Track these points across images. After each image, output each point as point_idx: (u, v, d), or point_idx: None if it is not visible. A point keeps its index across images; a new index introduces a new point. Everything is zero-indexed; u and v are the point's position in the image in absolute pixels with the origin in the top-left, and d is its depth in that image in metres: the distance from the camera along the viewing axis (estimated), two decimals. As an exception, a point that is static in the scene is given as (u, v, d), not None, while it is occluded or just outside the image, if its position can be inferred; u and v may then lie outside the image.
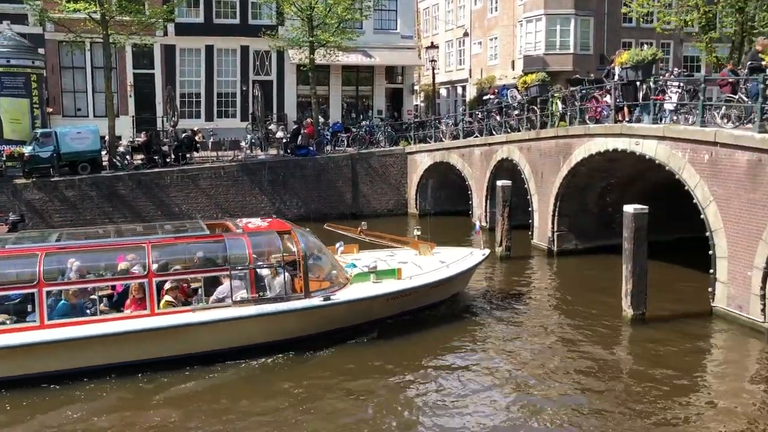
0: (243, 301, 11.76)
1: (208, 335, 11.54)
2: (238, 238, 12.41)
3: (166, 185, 23.95)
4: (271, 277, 12.19)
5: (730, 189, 13.52)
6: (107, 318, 11.28)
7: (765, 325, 12.82)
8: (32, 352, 10.75)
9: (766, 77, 13.48)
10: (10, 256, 11.56)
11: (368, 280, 13.18)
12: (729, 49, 23.89)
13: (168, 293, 11.55)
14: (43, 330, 10.87)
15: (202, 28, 30.03)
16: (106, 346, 11.07)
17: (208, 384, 10.98)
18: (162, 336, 11.28)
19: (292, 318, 12.00)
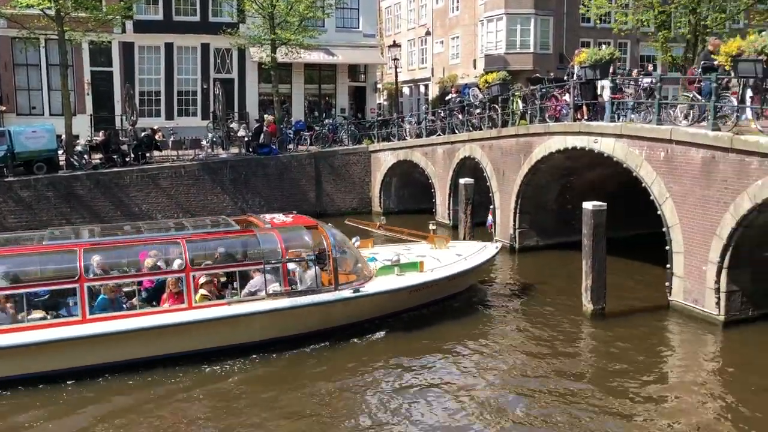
0: (276, 294, 12.12)
1: (243, 328, 11.88)
2: (269, 233, 12.78)
3: (126, 185, 23.54)
4: (302, 271, 12.61)
5: (685, 185, 13.85)
6: (147, 312, 11.52)
7: (720, 318, 13.19)
8: (76, 346, 10.94)
9: (719, 76, 13.85)
10: (48, 252, 11.80)
11: (392, 273, 13.61)
12: (683, 48, 24.40)
13: (203, 287, 11.85)
14: (86, 324, 11.06)
15: (162, 26, 29.59)
16: (147, 340, 11.31)
17: (243, 376, 11.24)
18: (200, 329, 11.56)
19: (324, 310, 12.41)
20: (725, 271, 13.02)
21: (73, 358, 10.93)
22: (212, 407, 10.22)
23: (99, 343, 11.05)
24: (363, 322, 12.99)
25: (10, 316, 11.00)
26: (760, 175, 12.09)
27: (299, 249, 12.82)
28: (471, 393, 10.67)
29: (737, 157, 12.58)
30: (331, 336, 12.48)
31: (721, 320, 13.16)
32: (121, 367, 11.12)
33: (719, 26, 23.45)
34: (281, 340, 12.10)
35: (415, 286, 13.54)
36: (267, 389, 10.79)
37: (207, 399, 10.48)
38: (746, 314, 13.32)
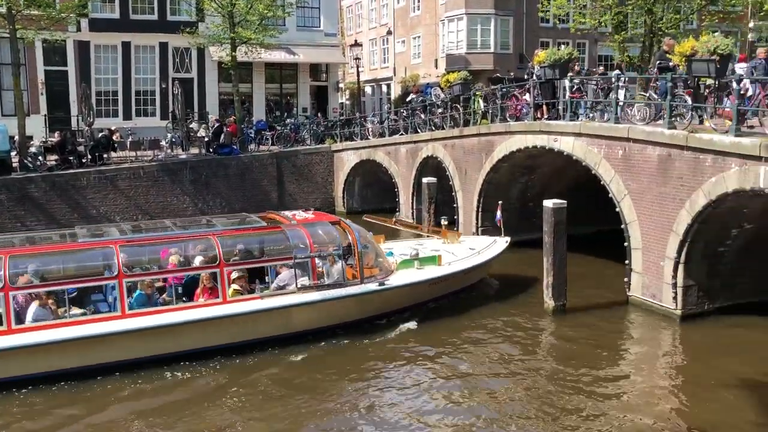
0: (305, 288, 12.51)
1: (276, 320, 12.31)
2: (297, 229, 13.15)
3: (83, 187, 23.02)
4: (329, 265, 12.97)
5: (642, 183, 14.12)
6: (183, 307, 11.81)
7: (677, 313, 13.48)
8: (117, 341, 11.19)
9: (674, 76, 14.15)
10: (85, 249, 12.16)
11: (413, 267, 14.15)
12: (640, 48, 24.89)
13: (235, 282, 12.16)
14: (126, 319, 11.31)
15: (118, 24, 29.01)
16: (184, 334, 11.61)
17: (275, 368, 11.59)
18: (235, 322, 11.95)
19: (351, 302, 12.88)
20: (682, 267, 13.32)
21: (114, 352, 11.20)
22: (250, 399, 10.51)
23: (139, 337, 11.32)
24: (386, 314, 13.54)
25: (51, 312, 11.19)
26: (714, 172, 12.38)
27: (326, 244, 13.17)
28: (423, 391, 10.74)
29: (692, 154, 12.87)
30: (356, 327, 13.01)
31: (678, 314, 13.45)
32: (158, 361, 11.37)
33: (673, 27, 23.97)
34: (310, 332, 12.54)
35: (435, 279, 14.11)
36: (300, 381, 11.11)
37: (244, 390, 10.77)
38: (702, 308, 13.64)
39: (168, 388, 10.94)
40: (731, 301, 13.74)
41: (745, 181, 11.76)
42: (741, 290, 13.86)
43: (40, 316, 11.06)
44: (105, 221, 22.43)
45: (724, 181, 12.16)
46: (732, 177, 12.02)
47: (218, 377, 11.25)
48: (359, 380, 11.21)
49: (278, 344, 12.22)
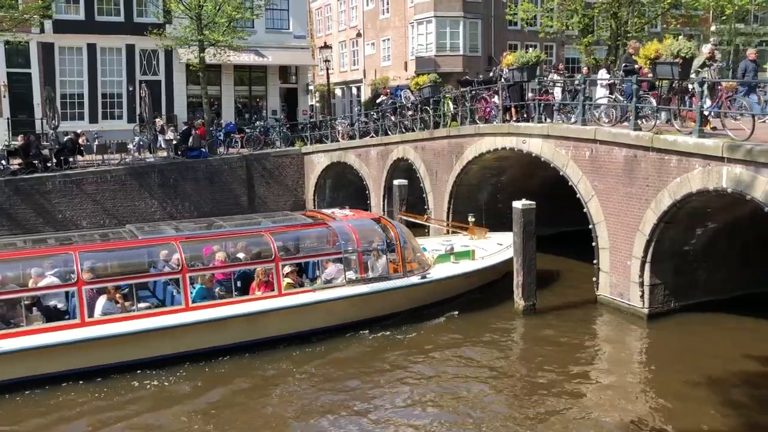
0: (353, 281, 13.19)
1: (326, 312, 12.90)
2: (343, 225, 13.92)
3: (48, 191, 22.60)
4: (374, 260, 13.69)
5: (609, 184, 14.33)
6: (242, 299, 12.38)
7: (644, 311, 13.70)
8: (182, 333, 11.70)
9: (639, 79, 14.40)
10: (146, 245, 12.76)
11: (449, 261, 15.09)
12: (606, 51, 25.29)
13: (287, 276, 12.81)
14: (190, 312, 11.85)
15: (84, 26, 28.52)
16: (244, 325, 12.16)
17: (329, 357, 12.21)
18: (291, 314, 12.52)
19: (396, 295, 13.59)
20: (648, 266, 13.55)
21: (179, 344, 11.67)
22: (311, 386, 11.10)
23: (203, 329, 11.81)
24: (426, 306, 14.14)
25: (120, 306, 11.70)
26: (679, 173, 12.63)
27: (370, 239, 13.92)
28: (389, 393, 10.77)
29: (657, 155, 13.11)
30: (397, 318, 13.68)
31: (645, 313, 13.68)
32: (218, 352, 11.89)
33: (638, 30, 24.41)
34: (356, 324, 13.12)
35: (470, 272, 14.95)
36: (356, 369, 11.72)
37: (305, 378, 11.38)
38: (668, 306, 13.89)
39: (231, 377, 11.38)
40: (696, 299, 14.01)
41: (709, 182, 12.01)
42: (706, 288, 14.14)
43: (109, 310, 11.57)
44: (72, 226, 22.15)
45: (689, 182, 12.40)
46: (696, 177, 12.26)
47: (280, 366, 11.78)
48: (410, 367, 11.77)
49: (327, 335, 12.81)
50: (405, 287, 13.65)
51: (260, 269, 12.71)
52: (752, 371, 11.36)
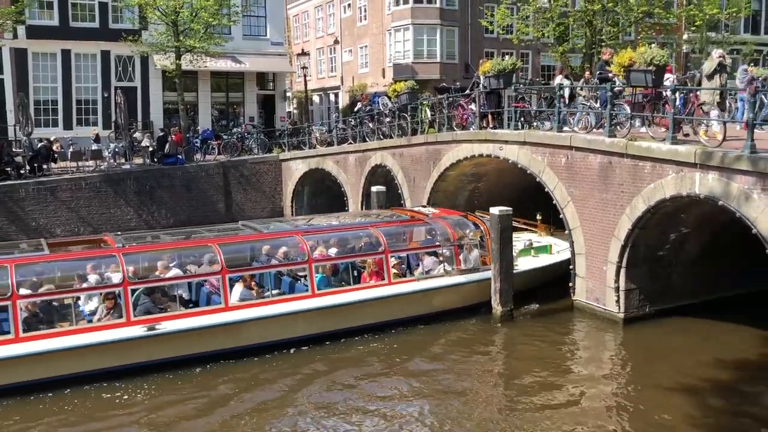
0: (450, 272, 14.33)
1: (429, 300, 14.00)
2: (439, 221, 15.18)
3: (21, 199, 22.28)
4: (467, 252, 14.75)
5: (585, 190, 14.48)
6: (357, 287, 13.51)
7: (620, 316, 13.85)
8: (309, 317, 12.78)
9: (614, 86, 14.60)
10: (275, 238, 14.08)
11: (530, 255, 16.23)
12: (581, 59, 25.58)
13: (394, 267, 13.96)
14: (315, 298, 12.95)
15: (58, 32, 28.20)
16: (360, 311, 13.23)
17: (430, 339, 13.28)
18: (398, 302, 13.62)
19: (487, 285, 14.33)
20: (623, 271, 13.70)
21: (306, 327, 12.74)
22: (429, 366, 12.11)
23: (326, 314, 12.90)
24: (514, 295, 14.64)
25: (256, 293, 12.78)
26: (653, 179, 12.81)
27: (464, 233, 15.00)
28: (356, 401, 10.76)
29: (632, 162, 13.28)
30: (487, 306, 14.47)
31: (621, 317, 13.83)
32: (337, 336, 12.92)
33: (613, 38, 24.73)
34: (453, 311, 14.16)
35: (549, 266, 15.92)
36: (461, 352, 12.64)
37: (418, 360, 12.44)
38: (644, 311, 14.05)
39: (352, 359, 12.39)
40: (671, 303, 14.18)
41: (682, 187, 12.19)
42: (680, 293, 14.32)
43: (246, 296, 12.61)
44: (46, 233, 21.81)
45: (662, 188, 12.58)
46: (669, 183, 12.45)
47: (392, 349, 12.77)
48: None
49: (424, 322, 13.81)
50: None
51: (371, 260, 13.95)
52: (726, 374, 11.53)
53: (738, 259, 14.44)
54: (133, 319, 11.54)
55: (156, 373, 11.47)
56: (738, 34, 39.00)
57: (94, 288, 11.91)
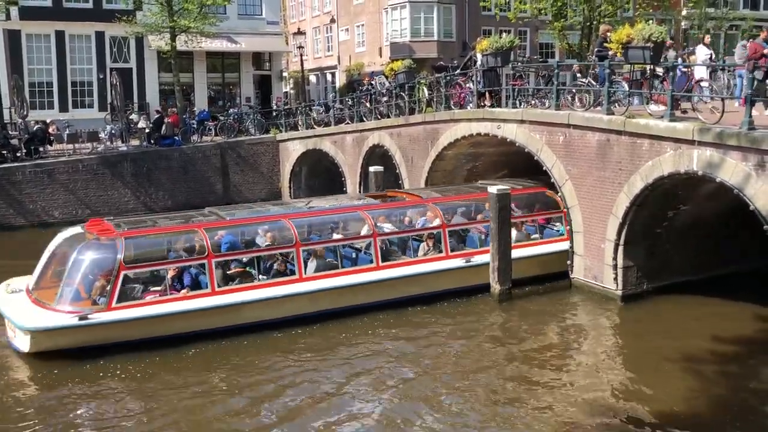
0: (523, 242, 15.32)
1: (485, 272, 14.41)
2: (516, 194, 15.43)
3: (18, 181, 22.25)
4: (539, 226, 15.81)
5: (583, 168, 14.47)
6: (416, 260, 14.41)
7: (618, 293, 13.90)
8: (374, 287, 13.60)
9: (612, 63, 14.51)
10: (346, 212, 15.17)
11: None
12: (579, 36, 25.44)
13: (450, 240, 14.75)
14: (380, 270, 13.88)
15: (51, 13, 27.98)
16: (419, 281, 14.04)
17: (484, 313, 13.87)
18: (455, 274, 14.41)
19: (564, 256, 15.05)
20: (621, 248, 13.73)
21: (371, 295, 13.53)
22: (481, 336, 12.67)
23: (391, 284, 13.75)
24: None
25: (325, 263, 13.65)
26: (651, 156, 12.79)
27: (545, 208, 16.18)
28: (361, 378, 10.81)
29: (629, 139, 13.26)
30: None
31: (619, 295, 13.88)
32: (402, 303, 13.66)
33: (611, 15, 24.57)
34: (524, 280, 14.62)
35: None
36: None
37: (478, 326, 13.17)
38: (641, 288, 14.11)
39: (417, 324, 13.14)
40: (669, 280, 14.23)
41: (680, 164, 12.18)
42: (678, 269, 14.37)
43: (320, 267, 13.48)
44: (45, 216, 21.92)
45: (660, 165, 12.57)
46: (667, 160, 12.43)
47: (459, 317, 13.52)
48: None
49: (477, 292, 14.34)
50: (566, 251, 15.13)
51: (428, 234, 14.65)
52: (723, 350, 11.60)
53: (736, 236, 14.48)
54: (304, 277, 13.25)
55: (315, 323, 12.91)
56: (737, 10, 38.77)
57: (266, 249, 13.45)
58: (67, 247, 12.62)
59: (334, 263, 13.84)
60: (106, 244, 12.28)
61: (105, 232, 12.61)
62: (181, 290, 12.31)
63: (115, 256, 11.88)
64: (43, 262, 12.84)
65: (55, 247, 12.92)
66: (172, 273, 12.37)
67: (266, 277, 13.08)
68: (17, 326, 11.45)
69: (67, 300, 11.73)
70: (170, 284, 12.26)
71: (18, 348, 11.60)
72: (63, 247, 12.79)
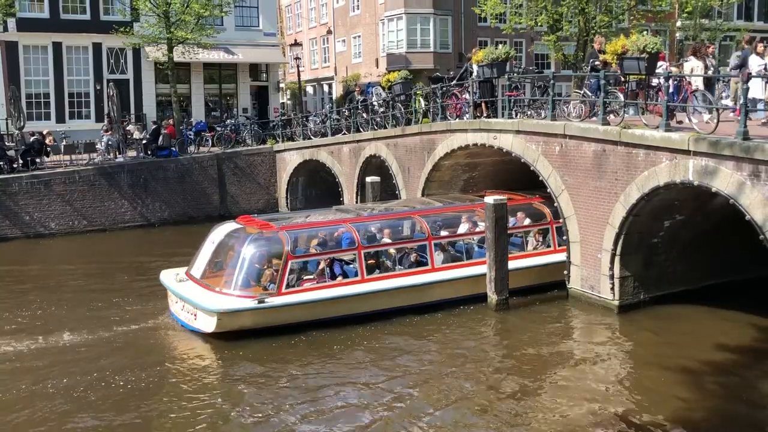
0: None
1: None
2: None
3: (15, 192, 22.23)
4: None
5: (579, 178, 14.51)
6: (523, 254, 15.67)
7: (614, 303, 13.91)
8: (478, 281, 14.58)
9: (608, 75, 14.58)
10: (456, 211, 16.25)
11: None
12: (575, 47, 25.56)
13: None
14: (472, 267, 14.97)
15: (49, 24, 28.06)
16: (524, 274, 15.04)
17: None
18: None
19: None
20: (618, 258, 13.75)
21: (468, 288, 14.55)
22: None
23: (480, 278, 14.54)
24: None
25: (449, 255, 15.08)
26: (646, 167, 12.84)
27: None
28: (353, 387, 10.79)
29: (625, 149, 13.30)
30: None
31: (616, 305, 13.88)
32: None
33: (606, 26, 24.71)
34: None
35: None
36: None
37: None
38: (638, 298, 14.12)
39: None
40: (665, 290, 14.25)
41: (676, 175, 12.23)
42: (674, 279, 14.39)
43: (446, 260, 14.81)
44: (40, 227, 21.97)
45: (656, 175, 12.61)
46: (663, 171, 12.48)
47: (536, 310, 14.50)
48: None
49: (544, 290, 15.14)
50: None
51: (536, 230, 16.08)
52: (721, 360, 11.60)
53: (732, 246, 14.51)
54: (437, 267, 14.61)
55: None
56: (731, 21, 39.01)
57: (407, 242, 15.06)
58: (233, 240, 14.08)
59: (458, 255, 15.21)
60: (271, 237, 13.90)
61: (265, 227, 14.18)
62: (335, 278, 13.79)
63: (282, 248, 13.37)
64: (209, 253, 14.14)
65: (219, 240, 14.22)
66: (324, 263, 13.81)
67: (403, 267, 14.50)
68: (204, 309, 12.65)
69: (241, 286, 13.14)
70: (326, 273, 13.77)
71: (199, 329, 12.86)
72: (227, 240, 14.18)
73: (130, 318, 14.01)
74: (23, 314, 14.45)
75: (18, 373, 11.37)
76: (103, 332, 13.19)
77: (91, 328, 13.36)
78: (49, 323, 13.77)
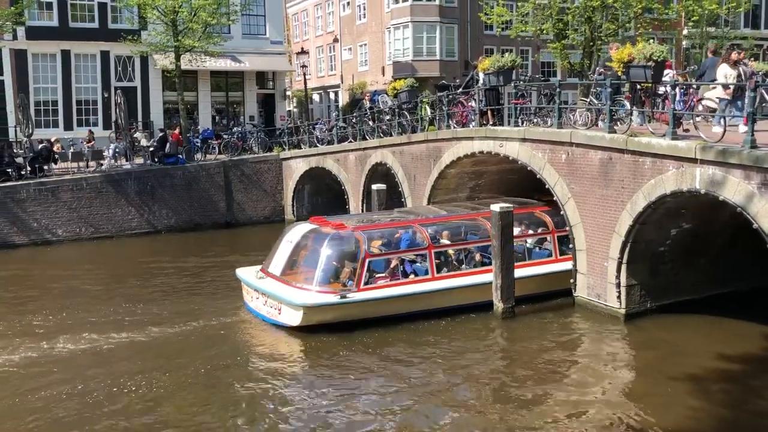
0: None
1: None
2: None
3: (22, 199, 22.34)
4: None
5: (585, 186, 14.49)
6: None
7: (621, 312, 13.85)
8: (547, 278, 15.35)
9: (613, 82, 14.57)
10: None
11: None
12: (581, 55, 25.59)
13: None
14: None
15: (57, 32, 28.28)
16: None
17: None
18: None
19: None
20: (624, 266, 13.70)
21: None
22: None
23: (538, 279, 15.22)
24: None
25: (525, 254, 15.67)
26: (653, 175, 12.81)
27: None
28: (361, 396, 10.76)
29: (632, 157, 13.28)
30: None
31: (623, 313, 13.83)
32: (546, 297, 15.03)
33: (612, 34, 24.71)
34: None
35: None
36: None
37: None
38: (645, 307, 14.06)
39: None
40: (672, 299, 14.19)
41: (682, 183, 12.20)
42: (681, 288, 14.33)
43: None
44: (47, 234, 22.01)
45: (663, 183, 12.58)
46: (670, 179, 12.45)
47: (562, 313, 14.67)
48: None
49: None
50: None
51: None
52: (727, 369, 11.54)
53: (739, 255, 14.45)
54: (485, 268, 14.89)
55: None
56: (738, 29, 38.97)
57: (472, 242, 15.59)
58: (309, 239, 14.86)
59: (520, 255, 15.43)
60: (348, 237, 14.57)
61: (340, 227, 14.77)
62: (407, 276, 14.37)
63: (360, 247, 14.09)
64: (287, 252, 14.76)
65: (297, 240, 14.88)
66: (396, 261, 14.38)
67: (468, 267, 15.01)
68: (290, 303, 13.33)
69: (321, 282, 13.80)
70: (398, 271, 14.34)
71: (283, 323, 13.56)
72: (304, 239, 14.91)
73: (207, 312, 14.80)
74: (91, 313, 14.89)
75: (105, 370, 11.74)
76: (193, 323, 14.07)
77: (176, 322, 14.10)
78: (97, 324, 14.17)
